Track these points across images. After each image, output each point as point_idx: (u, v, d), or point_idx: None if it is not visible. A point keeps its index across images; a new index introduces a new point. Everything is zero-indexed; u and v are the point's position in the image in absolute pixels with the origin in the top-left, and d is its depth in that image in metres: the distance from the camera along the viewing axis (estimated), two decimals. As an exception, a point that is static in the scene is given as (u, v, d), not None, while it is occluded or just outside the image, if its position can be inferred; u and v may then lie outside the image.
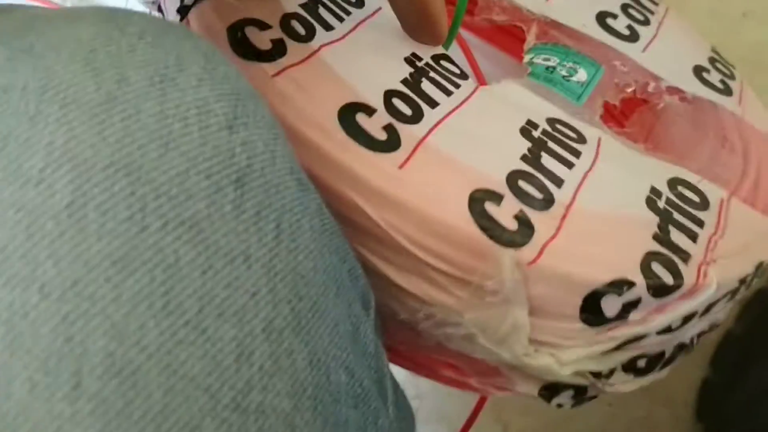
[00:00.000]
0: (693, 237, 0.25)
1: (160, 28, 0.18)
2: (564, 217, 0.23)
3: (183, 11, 0.26)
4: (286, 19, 0.26)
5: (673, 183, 0.27)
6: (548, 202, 0.23)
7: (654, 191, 0.26)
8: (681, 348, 0.26)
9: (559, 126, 0.27)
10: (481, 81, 0.30)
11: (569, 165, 0.25)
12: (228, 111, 0.17)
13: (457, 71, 0.28)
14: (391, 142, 0.23)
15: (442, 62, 0.28)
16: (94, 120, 0.15)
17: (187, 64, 0.17)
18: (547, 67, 0.32)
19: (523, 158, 0.25)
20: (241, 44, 0.24)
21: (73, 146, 0.15)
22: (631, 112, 0.34)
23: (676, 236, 0.25)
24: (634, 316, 0.23)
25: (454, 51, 0.30)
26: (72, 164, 0.15)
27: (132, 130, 0.15)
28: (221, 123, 0.17)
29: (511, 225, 0.22)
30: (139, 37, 0.17)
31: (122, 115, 0.16)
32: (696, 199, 0.27)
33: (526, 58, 0.33)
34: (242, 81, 0.19)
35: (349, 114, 0.23)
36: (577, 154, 0.26)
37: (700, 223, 0.26)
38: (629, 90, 0.32)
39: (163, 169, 0.16)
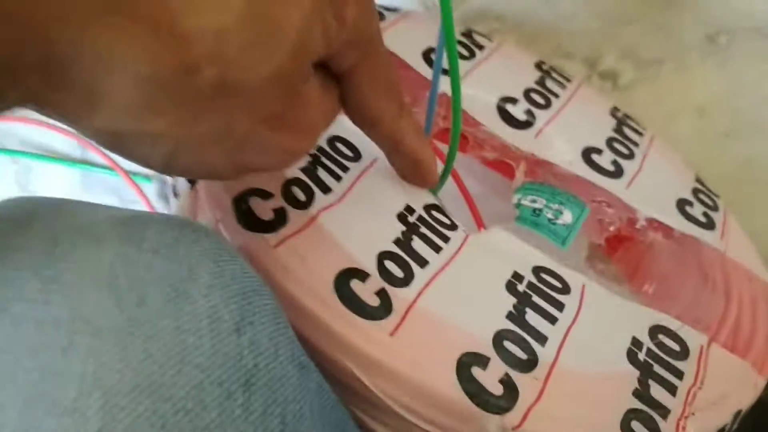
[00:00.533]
0: (672, 390, 0.26)
1: (173, 238, 0.20)
2: (547, 377, 0.25)
3: (193, 179, 0.28)
4: (287, 186, 0.28)
5: (654, 332, 0.29)
6: (532, 363, 0.25)
7: (635, 343, 0.28)
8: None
9: (544, 276, 0.29)
10: (479, 223, 0.32)
11: (553, 320, 0.27)
12: (235, 313, 0.19)
13: (448, 222, 0.30)
14: (383, 309, 0.25)
15: (433, 213, 0.30)
16: (119, 346, 0.17)
17: (198, 272, 0.19)
18: (534, 210, 0.34)
19: (509, 316, 0.26)
20: (245, 216, 0.26)
21: (102, 374, 0.17)
22: (619, 245, 0.36)
23: (656, 391, 0.26)
24: (616, 474, 0.24)
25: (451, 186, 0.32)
26: (101, 391, 0.16)
27: (152, 351, 0.17)
28: (230, 327, 0.19)
29: (497, 390, 0.24)
30: (153, 253, 0.19)
31: (143, 337, 0.17)
32: (676, 348, 0.28)
33: (515, 198, 0.35)
34: (248, 276, 0.21)
35: (344, 281, 0.25)
36: (560, 307, 0.28)
37: (680, 375, 0.27)
38: (613, 228, 0.34)
39: (181, 385, 0.17)
